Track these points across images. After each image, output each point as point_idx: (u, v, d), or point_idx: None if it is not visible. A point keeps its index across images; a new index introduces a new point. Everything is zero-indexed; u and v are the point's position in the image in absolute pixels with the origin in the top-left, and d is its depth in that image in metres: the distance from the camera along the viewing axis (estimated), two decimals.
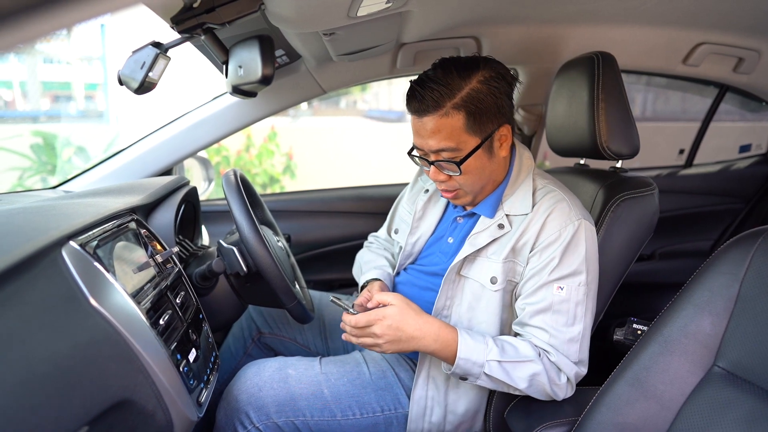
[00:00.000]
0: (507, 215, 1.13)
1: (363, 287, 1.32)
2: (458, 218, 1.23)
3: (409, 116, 1.12)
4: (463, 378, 1.08)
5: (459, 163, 1.07)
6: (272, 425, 1.14)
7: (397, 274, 1.34)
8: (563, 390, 1.07)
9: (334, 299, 1.14)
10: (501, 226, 1.12)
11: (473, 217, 1.19)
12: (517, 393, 1.08)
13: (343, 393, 1.18)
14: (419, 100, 1.05)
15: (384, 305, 1.08)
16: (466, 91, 1.04)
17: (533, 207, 1.11)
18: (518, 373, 1.04)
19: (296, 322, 1.48)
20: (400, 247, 1.33)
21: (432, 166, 1.11)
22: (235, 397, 1.16)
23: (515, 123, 1.21)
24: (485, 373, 1.04)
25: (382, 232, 1.51)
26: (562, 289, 1.05)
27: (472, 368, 1.04)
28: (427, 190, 1.32)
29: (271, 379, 1.17)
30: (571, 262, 1.06)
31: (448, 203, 1.29)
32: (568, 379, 1.06)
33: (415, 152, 1.15)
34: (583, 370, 1.08)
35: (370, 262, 1.38)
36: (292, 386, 1.16)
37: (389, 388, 1.21)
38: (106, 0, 0.32)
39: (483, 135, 1.07)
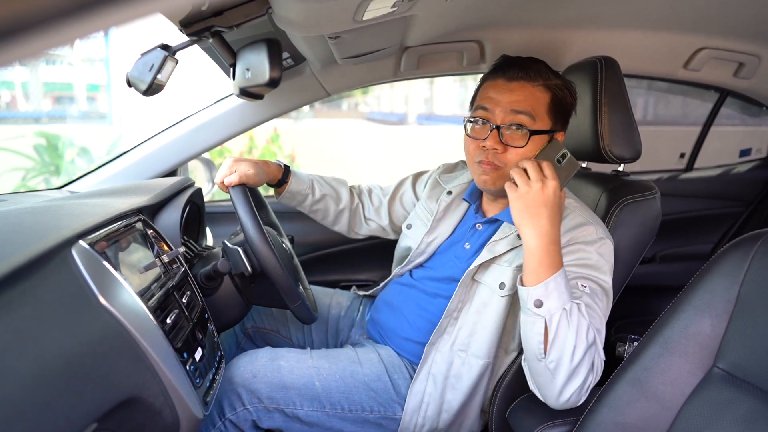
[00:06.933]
0: None
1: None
2: (477, 225, 1.24)
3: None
4: (537, 305, 0.98)
5: (531, 132, 1.09)
6: (263, 409, 1.15)
7: (402, 276, 1.35)
8: (585, 388, 0.99)
9: None
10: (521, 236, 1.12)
11: (493, 224, 1.21)
12: (571, 358, 0.96)
13: (334, 388, 1.18)
14: (521, 67, 1.11)
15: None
16: (556, 82, 1.13)
17: None
18: (583, 334, 0.96)
19: (280, 315, 1.48)
20: (409, 247, 1.34)
21: (494, 131, 1.09)
22: (228, 379, 1.17)
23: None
24: (565, 308, 0.96)
25: (381, 188, 1.53)
26: (585, 287, 1.04)
27: (557, 298, 0.96)
28: (450, 192, 1.33)
29: (264, 368, 1.18)
30: (581, 269, 1.06)
31: (468, 208, 1.30)
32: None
33: (478, 114, 1.13)
34: (595, 378, 1.01)
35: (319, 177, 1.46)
36: (284, 376, 1.17)
37: (382, 392, 1.20)
38: (123, 10, 0.33)
39: (551, 125, 1.13)
